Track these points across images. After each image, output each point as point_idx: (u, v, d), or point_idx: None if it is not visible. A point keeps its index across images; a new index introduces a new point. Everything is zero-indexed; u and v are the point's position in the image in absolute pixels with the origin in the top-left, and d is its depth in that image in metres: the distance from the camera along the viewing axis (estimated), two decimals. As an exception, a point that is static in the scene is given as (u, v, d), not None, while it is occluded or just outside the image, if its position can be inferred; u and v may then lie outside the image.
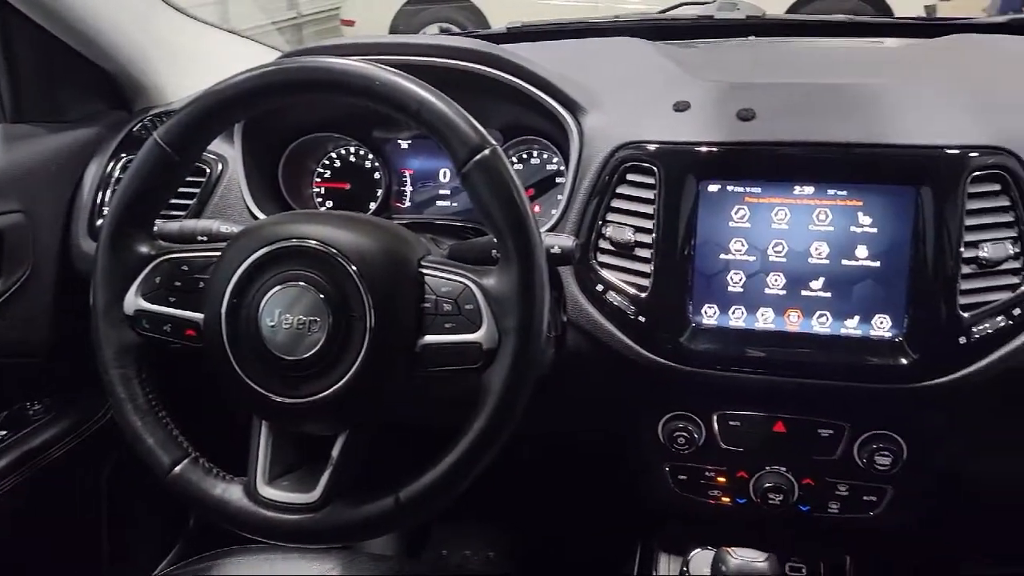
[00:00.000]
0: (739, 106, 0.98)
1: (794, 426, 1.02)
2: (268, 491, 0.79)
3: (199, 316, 0.80)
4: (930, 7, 5.36)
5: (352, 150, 1.22)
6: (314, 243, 0.76)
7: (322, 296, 0.74)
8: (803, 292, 0.96)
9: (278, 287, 0.75)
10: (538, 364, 0.76)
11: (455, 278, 0.77)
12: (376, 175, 1.21)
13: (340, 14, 6.79)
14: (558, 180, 1.14)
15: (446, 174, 1.20)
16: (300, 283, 0.75)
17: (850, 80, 1.04)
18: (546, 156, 1.15)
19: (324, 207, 1.23)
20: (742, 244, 0.96)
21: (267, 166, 1.19)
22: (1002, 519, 1.28)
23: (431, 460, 0.76)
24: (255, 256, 0.76)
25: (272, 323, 0.75)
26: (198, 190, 1.13)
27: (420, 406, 0.88)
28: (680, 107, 1.00)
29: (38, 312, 1.20)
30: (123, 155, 1.21)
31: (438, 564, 1.58)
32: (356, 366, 0.74)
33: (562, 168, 1.13)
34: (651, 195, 0.97)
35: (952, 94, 0.98)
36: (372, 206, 1.21)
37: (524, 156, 1.16)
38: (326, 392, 0.75)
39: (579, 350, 1.00)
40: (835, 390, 0.96)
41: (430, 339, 0.76)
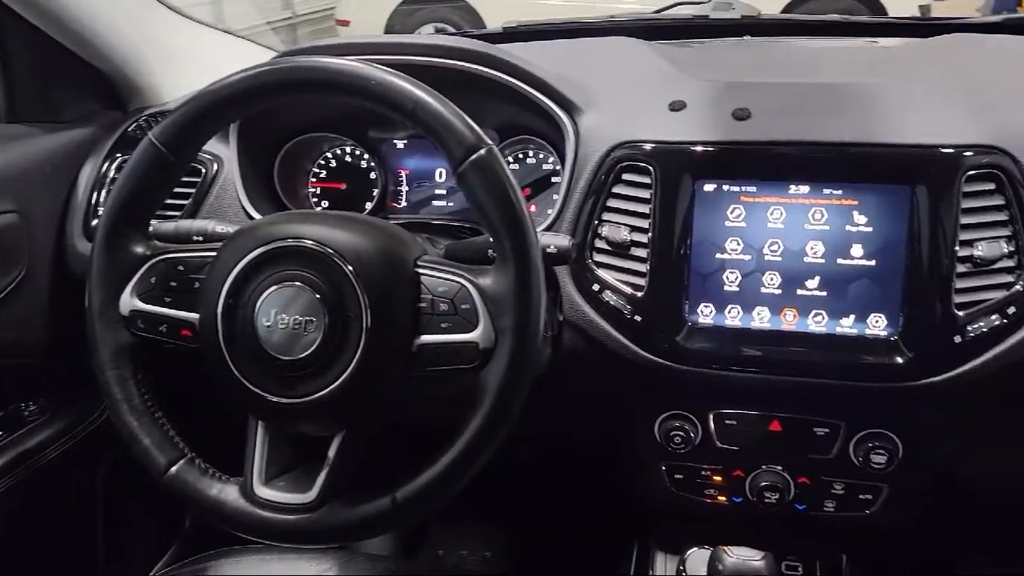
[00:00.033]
0: (734, 106, 0.98)
1: (790, 425, 1.03)
2: (264, 491, 0.79)
3: (195, 316, 0.80)
4: (924, 7, 5.36)
5: (348, 150, 1.22)
6: (310, 243, 0.76)
7: (318, 296, 0.74)
8: (799, 291, 0.96)
9: (274, 287, 0.75)
10: (535, 364, 0.76)
11: (451, 278, 0.77)
12: (372, 175, 1.21)
13: (335, 14, 6.78)
14: (554, 180, 1.14)
15: (442, 174, 1.20)
16: (296, 283, 0.75)
17: (845, 80, 1.05)
18: (542, 156, 1.15)
19: (320, 207, 1.23)
20: (738, 243, 0.96)
21: (263, 166, 1.19)
22: (998, 517, 1.29)
23: (428, 460, 0.76)
24: (251, 256, 0.76)
25: (268, 323, 0.75)
26: (193, 190, 1.12)
27: (416, 406, 0.88)
28: (676, 107, 1.01)
29: (33, 313, 1.19)
30: (118, 155, 1.21)
31: (435, 564, 1.58)
32: (352, 366, 0.74)
33: (558, 168, 1.13)
34: (647, 194, 0.97)
35: (947, 93, 0.99)
36: (368, 206, 1.21)
37: (520, 156, 1.16)
38: (322, 392, 0.74)
39: (575, 350, 1.00)
40: (831, 389, 0.96)
41: (426, 339, 0.76)
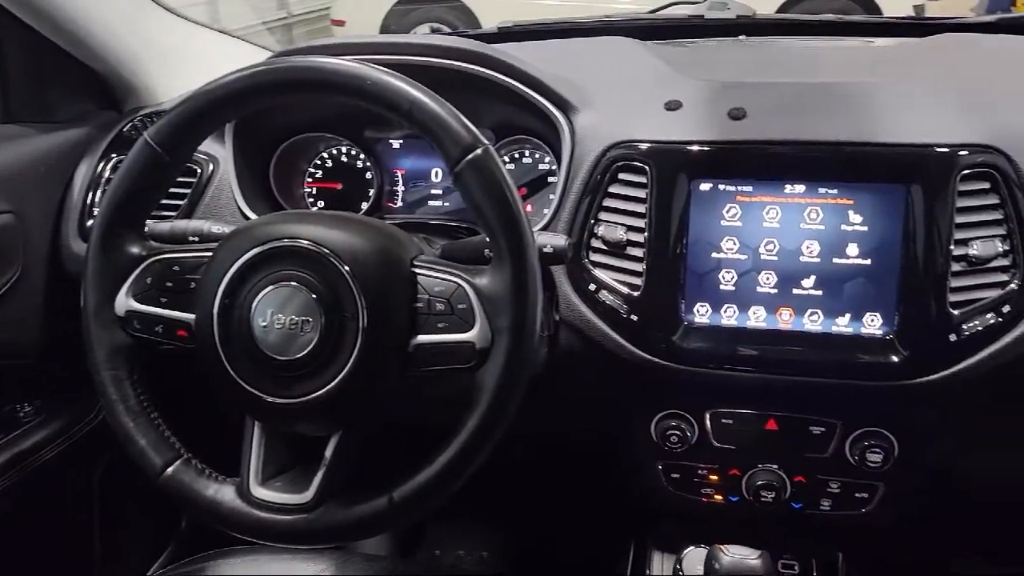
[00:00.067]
0: (730, 105, 0.98)
1: (786, 424, 1.03)
2: (261, 492, 0.79)
3: (191, 317, 0.80)
4: (919, 6, 5.39)
5: (344, 150, 1.22)
6: (306, 243, 0.75)
7: (314, 296, 0.74)
8: (795, 290, 0.96)
9: (270, 287, 0.75)
10: (531, 363, 0.76)
11: (448, 278, 0.77)
12: (368, 175, 1.21)
13: (330, 14, 6.77)
14: (550, 179, 1.14)
15: (438, 174, 1.20)
16: (292, 283, 0.75)
17: (840, 79, 1.05)
18: (538, 155, 1.15)
19: (316, 207, 1.22)
20: (734, 243, 0.97)
21: (258, 166, 1.18)
22: (993, 516, 1.29)
23: (424, 460, 0.76)
24: (247, 256, 0.76)
25: (264, 323, 0.75)
26: (189, 190, 1.12)
27: (413, 406, 0.88)
28: (671, 106, 1.01)
29: (28, 313, 1.19)
30: (113, 155, 1.21)
31: (432, 564, 1.58)
32: (349, 366, 0.74)
33: (554, 167, 1.13)
34: (643, 194, 0.97)
35: (941, 93, 0.99)
36: (364, 206, 1.20)
37: (516, 155, 1.16)
38: (319, 392, 0.74)
39: (572, 349, 1.01)
40: (827, 388, 0.96)
41: (423, 339, 0.76)
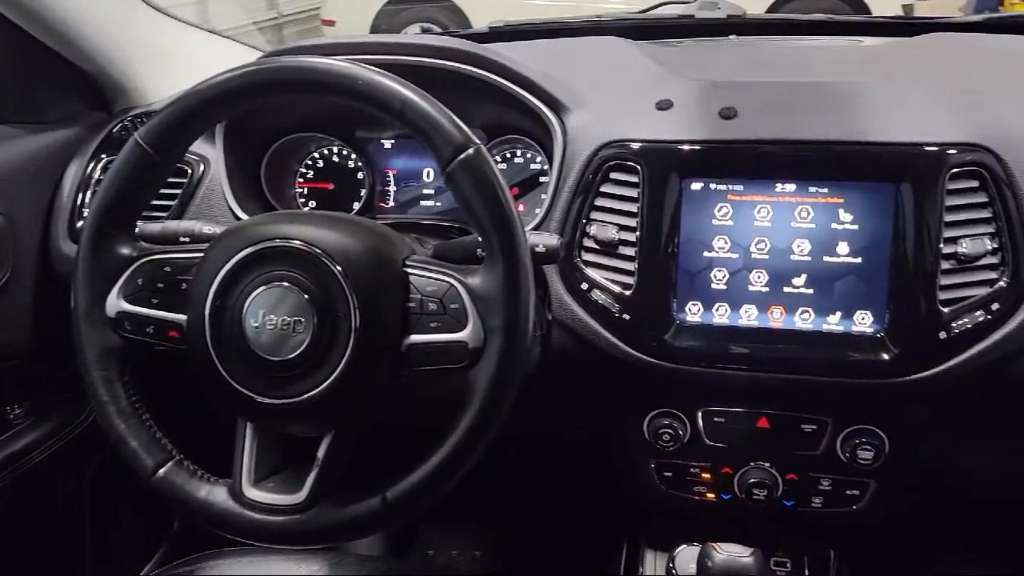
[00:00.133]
0: (721, 105, 0.98)
1: (778, 422, 1.03)
2: (253, 493, 0.79)
3: (182, 318, 0.79)
4: (907, 6, 5.41)
5: (335, 150, 1.22)
6: (298, 243, 0.75)
7: (306, 296, 0.74)
8: (786, 289, 0.96)
9: (262, 288, 0.75)
10: (524, 363, 0.76)
11: (440, 277, 0.77)
12: (359, 175, 1.21)
13: (320, 14, 6.75)
14: (542, 179, 1.14)
15: (430, 174, 1.20)
16: (284, 283, 0.75)
17: (830, 78, 1.05)
18: (530, 155, 1.15)
19: (307, 207, 1.22)
20: (725, 242, 0.97)
21: (249, 166, 1.18)
22: (983, 512, 1.30)
23: (417, 460, 0.76)
24: (238, 257, 0.76)
25: (256, 324, 0.74)
26: (180, 191, 1.12)
27: (406, 406, 0.88)
28: (663, 106, 1.01)
29: (18, 315, 1.18)
30: (103, 156, 1.20)
31: (425, 564, 1.58)
32: (341, 366, 0.74)
33: (546, 167, 1.13)
34: (635, 193, 0.97)
35: (930, 92, 0.99)
36: (356, 206, 1.20)
37: (508, 155, 1.16)
38: (311, 393, 0.74)
39: (564, 348, 1.01)
40: (818, 386, 0.97)
41: (415, 338, 0.76)
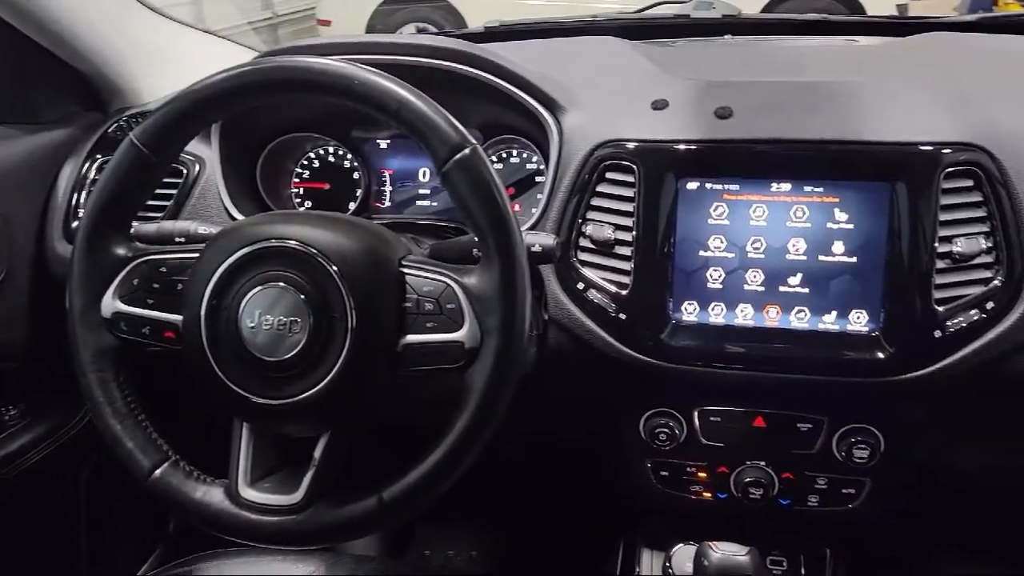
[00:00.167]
0: (716, 104, 0.98)
1: (773, 421, 1.04)
2: (250, 493, 0.79)
3: (178, 318, 0.79)
4: (902, 6, 5.42)
5: (331, 150, 1.22)
6: (294, 243, 0.75)
7: (302, 296, 0.74)
8: (781, 288, 0.96)
9: (258, 288, 0.75)
10: (520, 363, 0.76)
11: (436, 277, 0.77)
12: (355, 175, 1.21)
13: (316, 14, 6.75)
14: (538, 179, 1.14)
15: (426, 174, 1.20)
16: (280, 284, 0.75)
17: (825, 78, 1.05)
18: (526, 155, 1.15)
19: (303, 207, 1.22)
20: (721, 241, 0.97)
21: (245, 166, 1.18)
22: (979, 511, 1.30)
23: (414, 460, 0.76)
24: (234, 257, 0.76)
25: (252, 324, 0.74)
26: (175, 191, 1.12)
27: (402, 406, 0.88)
28: (658, 105, 1.01)
29: (14, 316, 1.18)
30: (98, 156, 1.20)
31: (421, 564, 1.57)
32: (338, 366, 0.74)
33: (542, 167, 1.13)
34: (631, 193, 0.97)
35: (925, 91, 1.00)
36: (352, 206, 1.20)
37: (504, 155, 1.16)
38: (308, 393, 0.74)
39: (561, 348, 1.01)
40: (813, 384, 0.97)
41: (412, 339, 0.76)
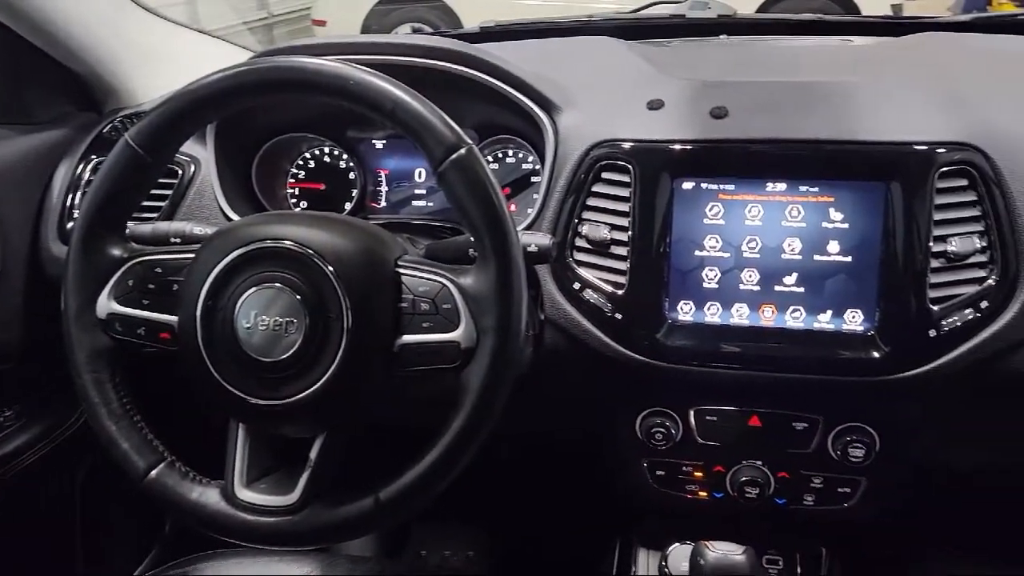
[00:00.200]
0: (712, 104, 0.99)
1: (769, 420, 1.04)
2: (246, 494, 0.79)
3: (173, 319, 0.79)
4: (897, 6, 5.43)
5: (326, 150, 1.21)
6: (289, 244, 0.75)
7: (298, 297, 0.74)
8: (777, 288, 0.97)
9: (254, 288, 0.75)
10: (517, 363, 0.76)
11: (432, 277, 0.77)
12: (351, 175, 1.21)
13: (311, 14, 6.73)
14: (534, 179, 1.14)
15: (421, 174, 1.20)
16: (276, 284, 0.74)
17: (820, 78, 1.06)
18: (521, 155, 1.15)
19: (299, 208, 1.22)
20: (716, 241, 0.97)
21: (240, 167, 1.18)
22: (974, 510, 1.31)
23: (410, 460, 0.76)
24: (230, 258, 0.76)
25: (248, 325, 0.74)
26: (170, 192, 1.11)
27: (398, 406, 0.87)
28: (654, 105, 1.01)
29: (8, 317, 1.18)
30: (93, 157, 1.20)
31: (417, 564, 1.57)
32: (334, 367, 0.74)
33: (538, 167, 1.13)
34: (626, 193, 0.97)
35: (919, 91, 1.00)
36: (347, 206, 1.20)
37: (499, 155, 1.16)
38: (304, 393, 0.74)
39: (557, 348, 1.01)
40: (809, 384, 0.97)
41: (408, 339, 0.76)
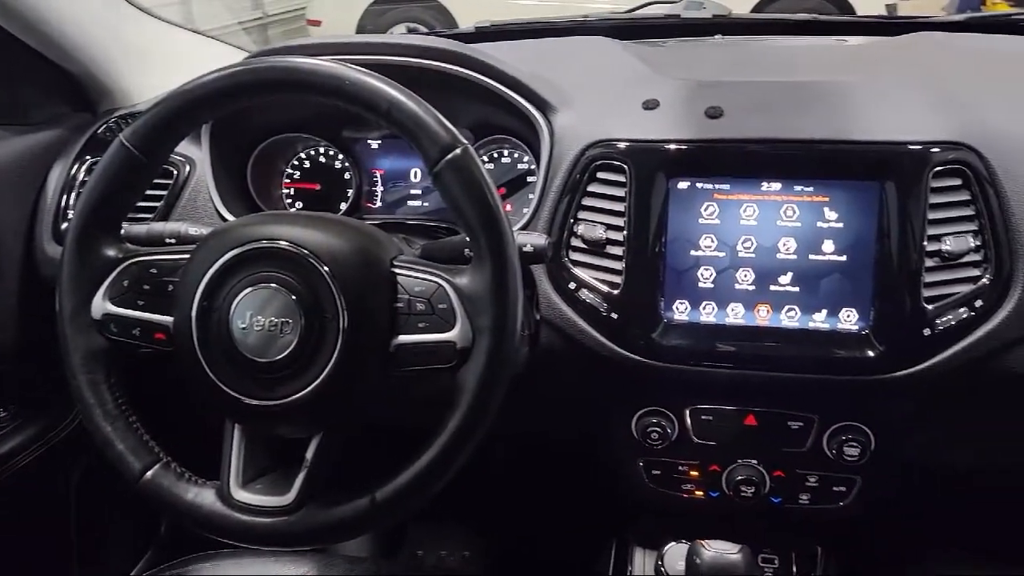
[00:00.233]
0: (707, 104, 0.99)
1: (765, 419, 1.04)
2: (242, 494, 0.78)
3: (169, 319, 0.79)
4: (891, 6, 5.45)
5: (322, 150, 1.21)
6: (285, 244, 0.75)
7: (294, 297, 0.74)
8: (772, 287, 0.97)
9: (249, 289, 0.75)
10: (512, 362, 0.76)
11: (428, 277, 0.77)
12: (346, 175, 1.21)
13: (306, 14, 6.73)
14: (529, 179, 1.14)
15: (417, 174, 1.20)
16: (271, 284, 0.74)
17: (815, 77, 1.06)
18: (517, 155, 1.15)
19: (294, 208, 1.22)
20: (712, 240, 0.97)
21: (236, 167, 1.18)
22: (969, 509, 1.31)
23: (406, 460, 0.76)
24: (225, 258, 0.75)
25: (243, 325, 0.74)
26: (165, 192, 1.11)
27: (394, 406, 0.88)
28: (649, 105, 1.01)
29: (3, 318, 1.17)
30: (88, 158, 1.19)
31: (414, 564, 1.57)
32: (329, 367, 0.73)
33: (533, 167, 1.13)
34: (622, 193, 0.98)
35: (913, 91, 1.00)
36: (343, 206, 1.20)
37: (495, 155, 1.16)
38: (299, 394, 0.74)
39: (553, 348, 1.01)
40: (804, 383, 0.97)
41: (404, 339, 0.76)
